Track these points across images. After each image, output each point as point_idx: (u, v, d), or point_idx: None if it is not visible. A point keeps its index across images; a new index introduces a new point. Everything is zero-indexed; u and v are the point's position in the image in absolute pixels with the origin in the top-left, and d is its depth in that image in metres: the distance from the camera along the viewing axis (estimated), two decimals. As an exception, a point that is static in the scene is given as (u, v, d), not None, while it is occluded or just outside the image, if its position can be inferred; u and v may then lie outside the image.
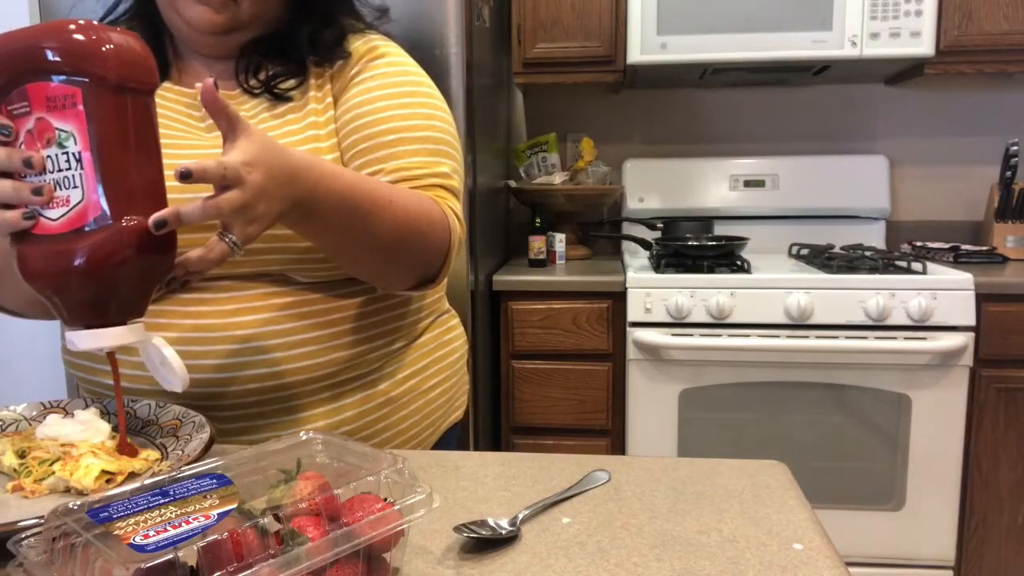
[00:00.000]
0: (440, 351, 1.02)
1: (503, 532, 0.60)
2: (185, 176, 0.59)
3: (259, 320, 0.84)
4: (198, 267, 0.65)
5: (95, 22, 0.61)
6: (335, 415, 0.89)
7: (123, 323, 0.64)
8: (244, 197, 0.62)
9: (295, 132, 0.87)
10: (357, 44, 0.92)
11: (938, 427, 1.87)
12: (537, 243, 2.14)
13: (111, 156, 0.60)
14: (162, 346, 0.65)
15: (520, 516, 0.63)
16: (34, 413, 0.79)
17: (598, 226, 2.51)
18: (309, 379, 0.86)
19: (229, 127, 0.64)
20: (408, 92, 0.90)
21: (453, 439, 1.07)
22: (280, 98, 0.89)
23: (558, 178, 2.34)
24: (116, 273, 0.61)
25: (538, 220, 2.20)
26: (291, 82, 0.90)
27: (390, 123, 0.87)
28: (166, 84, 0.92)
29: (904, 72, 2.26)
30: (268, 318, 0.84)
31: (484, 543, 0.60)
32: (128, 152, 0.61)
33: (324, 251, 0.82)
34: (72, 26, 0.60)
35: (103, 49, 0.60)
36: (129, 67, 0.61)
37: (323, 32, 0.91)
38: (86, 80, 0.59)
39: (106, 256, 0.60)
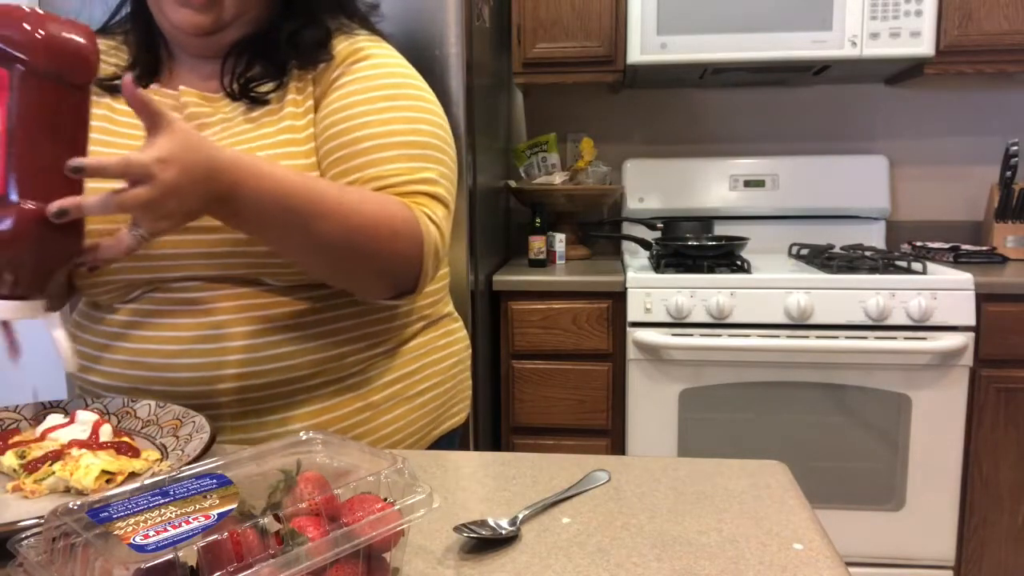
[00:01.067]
0: (433, 356, 0.99)
1: (503, 532, 0.60)
2: (77, 171, 0.60)
3: (230, 320, 0.83)
4: (106, 255, 0.66)
5: (45, 12, 0.63)
6: (313, 418, 0.87)
7: (20, 298, 0.65)
8: (151, 194, 0.62)
9: (268, 136, 0.85)
10: (342, 46, 0.89)
11: (938, 427, 1.87)
12: (537, 243, 2.14)
13: (25, 140, 0.61)
14: (52, 328, 0.68)
15: (520, 516, 0.63)
16: (34, 413, 0.79)
17: (598, 226, 2.51)
18: (282, 380, 0.85)
19: (151, 123, 0.64)
20: (390, 95, 0.87)
21: (453, 445, 1.05)
22: (257, 101, 0.87)
23: (558, 178, 2.34)
24: (12, 252, 0.63)
25: (538, 220, 2.20)
26: (268, 85, 0.88)
27: (367, 129, 0.84)
28: (152, 87, 0.91)
29: (904, 72, 2.26)
30: (239, 319, 0.84)
31: (484, 543, 0.60)
32: (44, 139, 0.62)
33: (269, 248, 0.81)
34: (15, 12, 0.61)
35: (37, 36, 0.61)
36: (63, 59, 0.62)
37: (303, 32, 0.89)
38: (16, 64, 0.61)
39: (2, 234, 0.62)
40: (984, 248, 2.18)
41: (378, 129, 0.84)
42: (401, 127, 0.85)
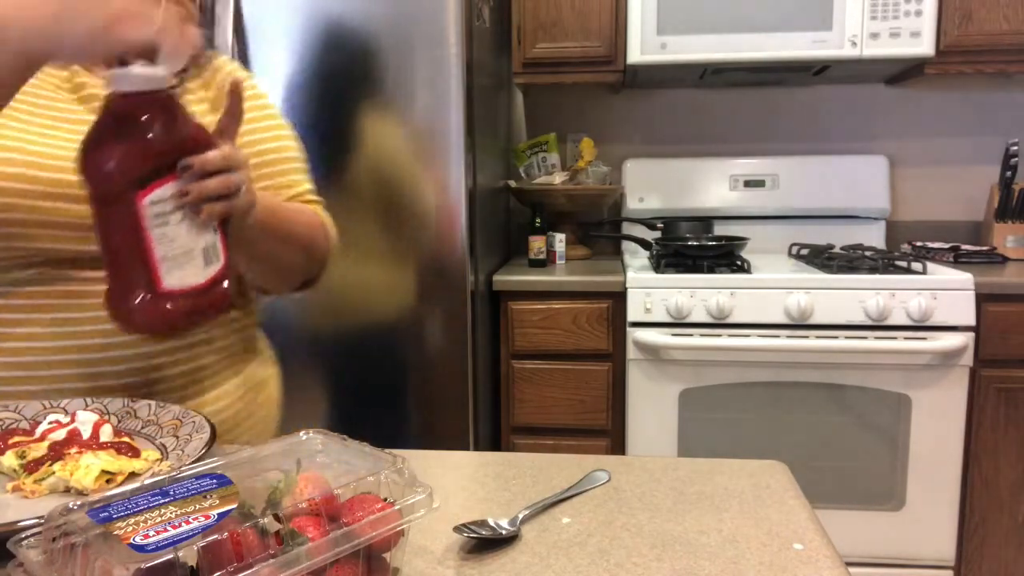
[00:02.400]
0: (267, 352, 1.08)
1: (503, 532, 0.60)
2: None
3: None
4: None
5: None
6: (221, 399, 0.93)
7: None
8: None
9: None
10: (220, 59, 0.98)
11: (938, 427, 1.87)
12: (537, 243, 2.14)
13: None
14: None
15: (520, 516, 0.63)
16: (34, 413, 0.79)
17: (598, 226, 2.51)
18: (191, 369, 0.90)
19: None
20: (274, 114, 1.00)
21: None
22: None
23: (558, 178, 2.34)
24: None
25: (538, 220, 2.20)
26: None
27: (276, 142, 0.97)
28: None
29: (904, 72, 2.26)
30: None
31: (484, 543, 0.60)
32: None
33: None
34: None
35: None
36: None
37: None
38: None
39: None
40: (984, 248, 2.18)
41: (283, 143, 0.99)
42: (291, 143, 1.01)
